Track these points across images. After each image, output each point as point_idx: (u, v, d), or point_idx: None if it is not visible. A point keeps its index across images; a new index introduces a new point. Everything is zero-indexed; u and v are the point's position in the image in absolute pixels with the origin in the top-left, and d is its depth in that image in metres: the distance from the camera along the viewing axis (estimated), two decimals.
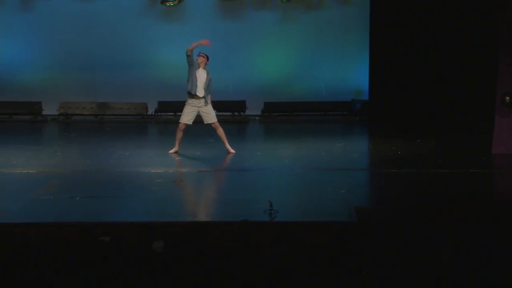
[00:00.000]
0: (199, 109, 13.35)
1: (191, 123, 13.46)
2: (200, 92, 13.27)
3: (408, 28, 16.72)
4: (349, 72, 18.03)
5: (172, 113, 17.95)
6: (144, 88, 18.03)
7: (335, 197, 10.53)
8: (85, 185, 11.39)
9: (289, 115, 18.12)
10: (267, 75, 18.05)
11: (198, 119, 13.54)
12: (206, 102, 13.32)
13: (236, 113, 18.01)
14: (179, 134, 13.50)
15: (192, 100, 13.31)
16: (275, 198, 9.65)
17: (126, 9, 17.86)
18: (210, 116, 13.40)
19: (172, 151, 13.54)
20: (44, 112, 18.03)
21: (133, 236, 7.41)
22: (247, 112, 18.04)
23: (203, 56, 13.39)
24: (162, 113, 18.11)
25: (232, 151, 13.54)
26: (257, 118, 18.07)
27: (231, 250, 6.73)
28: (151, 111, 18.11)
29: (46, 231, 7.83)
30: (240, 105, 17.99)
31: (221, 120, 13.68)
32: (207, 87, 13.29)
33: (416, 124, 16.30)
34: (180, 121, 13.49)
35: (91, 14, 17.82)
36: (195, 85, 13.22)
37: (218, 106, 13.63)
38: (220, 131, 13.48)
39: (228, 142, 13.55)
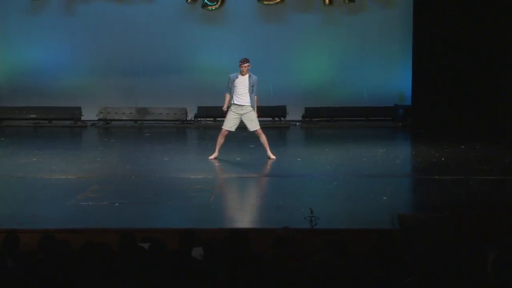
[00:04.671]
0: (241, 116, 13.39)
1: (233, 130, 13.48)
2: (239, 100, 13.31)
3: (452, 30, 16.59)
4: (392, 77, 17.96)
5: (211, 119, 18.02)
6: (184, 93, 18.13)
7: (377, 204, 10.49)
8: (124, 191, 11.48)
9: (330, 121, 18.09)
10: (308, 80, 18.05)
11: (242, 125, 13.55)
12: (249, 108, 13.34)
13: (277, 119, 18.03)
14: (220, 140, 13.53)
15: (234, 106, 13.36)
16: (316, 205, 9.65)
17: (166, 14, 17.98)
18: (252, 123, 13.39)
19: (212, 157, 13.59)
20: (83, 117, 18.22)
21: (172, 243, 7.46)
22: (288, 118, 18.04)
23: (245, 64, 13.31)
24: (202, 118, 18.19)
25: (273, 157, 13.55)
26: (297, 123, 18.06)
27: (272, 257, 6.75)
28: (190, 116, 18.20)
29: (86, 237, 7.91)
30: (280, 111, 18.01)
31: (262, 126, 13.69)
32: (251, 92, 13.30)
33: (460, 129, 16.18)
34: (222, 127, 13.54)
35: (131, 18, 17.98)
36: (233, 95, 13.29)
37: (259, 111, 13.62)
38: (263, 138, 13.49)
39: (270, 148, 13.56)
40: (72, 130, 17.94)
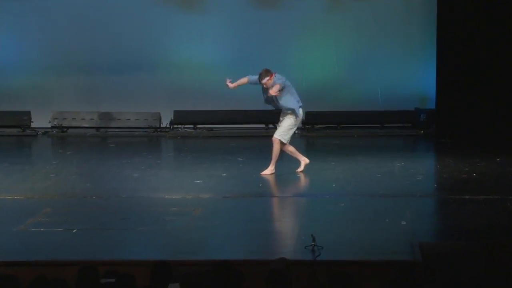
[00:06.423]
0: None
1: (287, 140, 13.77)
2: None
3: (484, 21, 16.65)
4: (412, 75, 18.02)
5: (191, 125, 18.04)
6: (157, 94, 18.15)
7: (395, 230, 10.51)
8: (84, 215, 11.49)
9: (337, 128, 18.13)
10: (310, 78, 18.08)
11: (228, 132, 13.59)
12: (285, 112, 13.76)
13: (271, 125, 18.03)
14: (291, 153, 13.81)
15: None
16: (319, 231, 9.67)
17: None
18: (278, 128, 13.69)
19: (300, 168, 13.79)
20: (34, 124, 18.21)
21: (143, 278, 7.47)
22: None
23: (263, 80, 13.48)
24: (179, 125, 18.21)
25: (268, 172, 13.56)
26: (296, 131, 18.08)
27: None
28: (165, 122, 18.22)
29: (38, 271, 7.91)
30: (276, 116, 18.02)
31: (253, 134, 13.73)
32: (281, 96, 13.60)
33: (495, 139, 16.23)
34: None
35: (92, 4, 17.98)
36: None
37: (250, 117, 13.70)
38: (275, 149, 13.55)
39: (276, 162, 13.60)
40: (20, 139, 17.93)
